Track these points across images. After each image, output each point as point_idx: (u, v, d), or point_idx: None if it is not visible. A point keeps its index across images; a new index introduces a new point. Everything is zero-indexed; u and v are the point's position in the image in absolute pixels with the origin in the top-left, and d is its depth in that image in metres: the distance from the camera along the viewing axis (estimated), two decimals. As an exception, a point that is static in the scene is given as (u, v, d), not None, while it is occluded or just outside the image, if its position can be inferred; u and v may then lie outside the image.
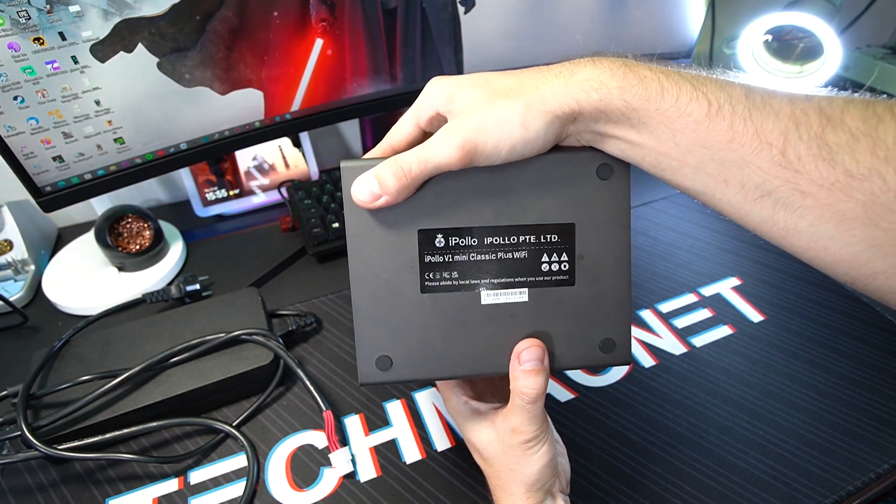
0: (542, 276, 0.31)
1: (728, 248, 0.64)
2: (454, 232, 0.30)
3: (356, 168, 0.29)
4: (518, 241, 0.31)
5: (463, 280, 0.31)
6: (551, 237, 0.31)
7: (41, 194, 0.51)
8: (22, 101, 0.46)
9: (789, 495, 0.41)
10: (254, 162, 0.72)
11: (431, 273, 0.31)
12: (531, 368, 0.30)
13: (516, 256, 0.31)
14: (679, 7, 0.71)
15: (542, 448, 0.31)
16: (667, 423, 0.46)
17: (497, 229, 0.30)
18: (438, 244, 0.30)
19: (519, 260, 0.31)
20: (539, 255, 0.31)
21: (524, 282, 0.31)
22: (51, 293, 0.59)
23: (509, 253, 0.31)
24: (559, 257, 0.31)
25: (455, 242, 0.30)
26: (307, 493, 0.41)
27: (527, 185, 0.30)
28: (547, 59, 0.68)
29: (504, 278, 0.31)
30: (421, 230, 0.30)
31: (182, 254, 0.65)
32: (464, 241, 0.30)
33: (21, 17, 0.43)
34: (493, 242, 0.30)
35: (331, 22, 0.56)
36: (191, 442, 0.45)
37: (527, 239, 0.31)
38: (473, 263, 0.31)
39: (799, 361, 0.51)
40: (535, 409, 0.30)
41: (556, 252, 0.31)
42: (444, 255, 0.30)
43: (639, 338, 0.53)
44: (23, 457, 0.41)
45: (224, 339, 0.47)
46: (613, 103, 0.26)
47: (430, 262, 0.30)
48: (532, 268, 0.31)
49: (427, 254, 0.30)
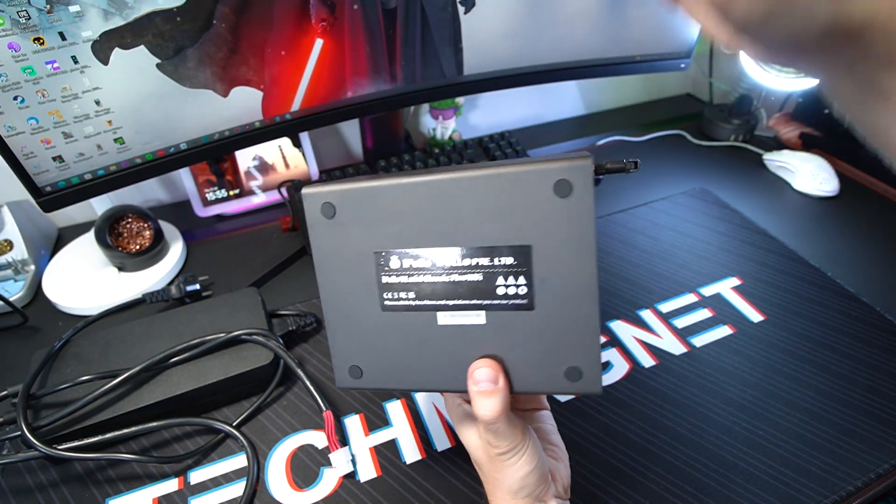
0: (497, 300, 0.29)
1: (728, 248, 0.64)
2: (407, 254, 0.30)
3: (318, 194, 0.30)
4: (472, 264, 0.29)
5: (419, 300, 0.30)
6: (505, 260, 0.29)
7: (41, 194, 0.51)
8: (22, 101, 0.46)
9: (789, 495, 0.41)
10: (254, 162, 0.72)
11: (389, 293, 0.31)
12: (483, 390, 0.29)
13: (470, 279, 0.29)
14: (679, 7, 0.71)
15: (520, 459, 0.30)
16: (667, 423, 0.46)
17: (449, 252, 0.29)
18: (394, 265, 0.30)
19: (473, 283, 0.29)
20: (494, 278, 0.29)
21: (480, 304, 0.30)
22: (51, 293, 0.59)
23: (463, 275, 0.29)
24: (516, 280, 0.29)
25: (409, 264, 0.30)
26: (307, 493, 0.41)
27: (478, 205, 0.28)
28: (547, 59, 0.69)
29: (459, 300, 0.30)
30: (376, 252, 0.30)
31: (182, 254, 0.65)
32: (417, 263, 0.30)
33: (21, 17, 0.43)
34: (446, 265, 0.30)
35: (331, 22, 0.56)
36: (191, 442, 0.45)
37: (480, 262, 0.29)
38: (428, 285, 0.30)
39: (799, 361, 0.51)
40: (500, 427, 0.30)
41: (512, 275, 0.29)
42: (400, 275, 0.30)
43: (639, 338, 0.53)
44: (23, 457, 0.41)
45: (224, 339, 0.47)
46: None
47: (387, 282, 0.31)
48: (487, 291, 0.29)
49: (384, 274, 0.30)
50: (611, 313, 0.56)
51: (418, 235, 0.29)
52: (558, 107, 0.98)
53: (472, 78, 0.67)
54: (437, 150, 0.76)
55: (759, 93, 0.88)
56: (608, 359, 0.51)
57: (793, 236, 0.66)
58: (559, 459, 0.35)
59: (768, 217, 0.69)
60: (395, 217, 0.30)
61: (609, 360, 0.51)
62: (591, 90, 0.99)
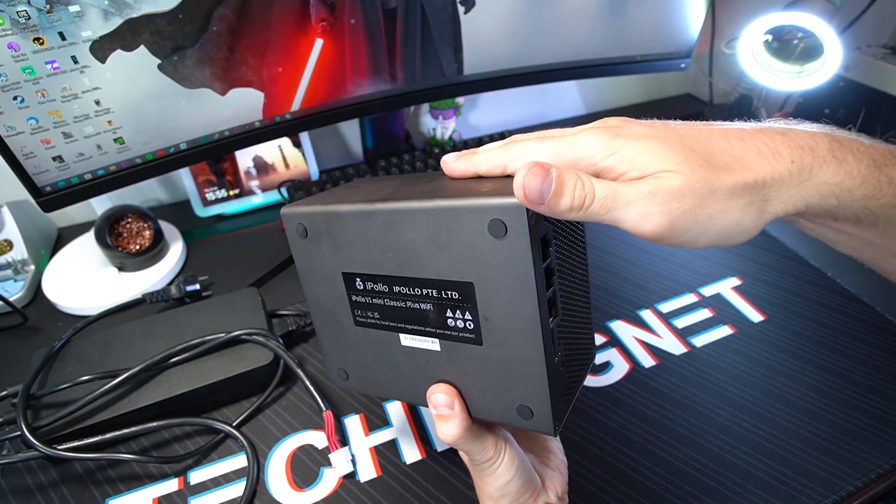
0: (448, 331, 0.29)
1: (728, 249, 0.64)
2: (368, 278, 0.31)
3: (293, 215, 0.32)
4: (422, 294, 0.29)
5: (383, 321, 0.32)
6: (452, 294, 0.28)
7: (41, 194, 0.51)
8: (22, 101, 0.46)
9: (789, 495, 0.41)
10: (254, 162, 0.72)
11: (359, 310, 0.32)
12: (440, 414, 0.30)
13: (422, 308, 0.30)
14: (679, 7, 0.71)
15: (497, 469, 0.30)
16: (667, 423, 0.46)
17: (401, 279, 0.29)
18: (359, 286, 0.31)
19: (425, 311, 0.30)
20: (443, 309, 0.29)
21: (433, 332, 0.30)
22: (51, 293, 0.59)
23: (416, 303, 0.30)
24: (462, 315, 0.28)
25: (371, 287, 0.31)
26: (307, 493, 0.41)
27: (425, 237, 0.28)
28: (547, 59, 0.69)
29: (415, 325, 0.30)
30: (344, 273, 0.32)
31: (182, 254, 0.65)
32: (377, 287, 0.31)
33: (21, 17, 0.43)
34: (401, 292, 0.30)
35: (331, 22, 0.56)
36: (191, 442, 0.45)
37: (430, 293, 0.29)
38: (388, 308, 0.31)
39: (799, 361, 0.50)
40: (466, 445, 0.30)
41: (458, 309, 0.28)
42: (366, 296, 0.31)
43: (639, 338, 0.53)
44: (23, 457, 0.41)
45: (224, 339, 0.47)
46: (851, 209, 0.23)
47: (356, 300, 0.32)
48: (438, 321, 0.29)
49: (353, 294, 0.32)
50: (611, 313, 0.56)
51: (375, 261, 0.30)
52: (558, 107, 0.98)
53: (472, 78, 0.67)
54: (437, 150, 0.76)
55: (759, 93, 0.88)
56: (608, 359, 0.51)
57: (793, 236, 0.66)
58: (555, 467, 0.34)
59: (768, 217, 0.69)
60: (354, 242, 0.30)
61: (609, 360, 0.51)
62: (591, 90, 0.99)
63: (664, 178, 0.23)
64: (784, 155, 0.23)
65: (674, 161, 0.23)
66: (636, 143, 0.24)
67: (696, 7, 0.71)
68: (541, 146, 0.26)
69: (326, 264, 0.32)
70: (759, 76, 0.77)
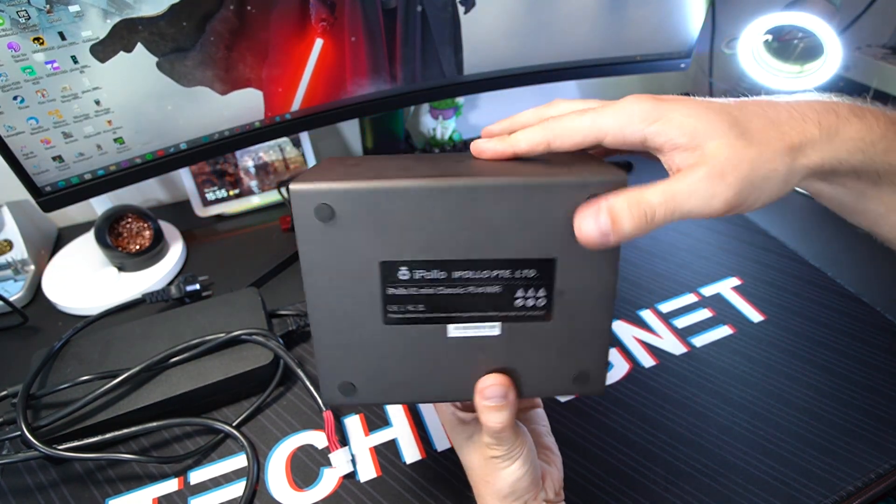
0: (514, 312, 0.28)
1: (728, 248, 0.64)
2: (420, 265, 0.27)
3: (312, 193, 0.26)
4: (491, 276, 0.28)
5: (429, 313, 0.28)
6: (528, 272, 0.28)
7: (41, 194, 0.51)
8: (22, 101, 0.46)
9: (789, 495, 0.41)
10: (254, 162, 0.72)
11: (395, 305, 0.28)
12: (493, 405, 0.29)
13: (488, 291, 0.28)
14: (679, 7, 0.71)
15: (513, 464, 0.30)
16: (667, 423, 0.46)
17: (468, 263, 0.27)
18: (402, 276, 0.27)
19: (491, 295, 0.28)
20: (513, 290, 0.28)
21: (495, 316, 0.29)
22: (51, 293, 0.59)
23: (481, 287, 0.28)
24: (536, 293, 0.28)
25: (421, 276, 0.27)
26: (307, 493, 0.41)
27: (505, 216, 0.27)
28: (547, 59, 0.69)
29: (473, 312, 0.28)
30: (383, 262, 0.27)
31: (182, 254, 0.65)
32: (430, 275, 0.27)
33: (21, 16, 0.43)
34: (464, 277, 0.28)
35: (331, 22, 0.56)
36: (191, 442, 0.45)
37: (501, 274, 0.28)
38: (441, 297, 0.28)
39: (799, 361, 0.50)
40: (503, 435, 0.30)
41: (532, 287, 0.28)
42: (409, 287, 0.28)
43: (639, 338, 0.53)
44: (23, 457, 0.41)
45: (224, 339, 0.47)
46: (875, 164, 0.25)
47: (392, 294, 0.28)
48: (504, 303, 0.28)
49: (390, 286, 0.28)
50: (611, 313, 0.56)
51: (435, 245, 0.27)
52: (558, 107, 0.98)
53: (472, 78, 0.67)
54: (437, 150, 0.76)
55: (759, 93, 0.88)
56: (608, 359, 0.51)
57: (793, 236, 0.66)
58: (552, 463, 0.35)
59: (768, 217, 0.69)
60: (408, 224, 0.26)
61: (609, 360, 0.51)
62: (591, 90, 0.99)
63: (714, 155, 0.24)
64: (811, 117, 0.25)
65: (720, 127, 0.25)
66: (683, 107, 0.26)
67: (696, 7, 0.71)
68: (582, 120, 0.27)
69: (357, 253, 0.27)
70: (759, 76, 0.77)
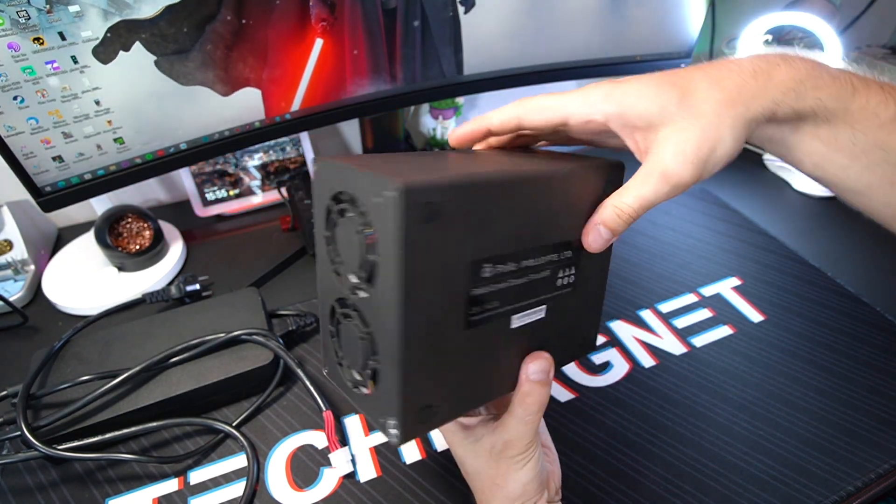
0: (556, 291, 0.31)
1: (728, 248, 0.64)
2: (501, 259, 0.27)
3: (417, 190, 0.22)
4: (544, 261, 0.29)
5: (500, 308, 0.28)
6: (567, 253, 0.30)
7: (41, 194, 0.51)
8: (22, 101, 0.46)
9: (789, 495, 0.41)
10: (254, 162, 0.72)
11: (477, 307, 0.27)
12: (538, 379, 0.30)
13: (541, 275, 0.29)
14: (679, 7, 0.71)
15: (529, 463, 0.31)
16: (667, 423, 0.46)
17: (533, 251, 0.28)
18: (485, 274, 0.26)
19: (542, 279, 0.30)
20: (557, 270, 0.30)
21: (544, 299, 0.30)
22: (51, 293, 0.59)
23: (537, 273, 0.29)
24: (569, 271, 0.31)
25: (499, 270, 0.27)
26: (307, 493, 0.41)
27: (560, 201, 0.28)
28: (547, 59, 0.69)
29: (530, 299, 0.30)
30: (474, 261, 0.25)
31: (182, 254, 0.65)
32: (506, 268, 0.27)
33: (21, 17, 0.43)
34: (527, 265, 0.28)
35: (331, 22, 0.56)
36: (191, 442, 0.45)
37: (551, 258, 0.29)
38: (511, 289, 0.28)
39: (799, 361, 0.50)
40: (535, 421, 0.30)
41: (569, 266, 0.31)
42: (489, 285, 0.27)
43: (639, 338, 0.53)
44: (23, 457, 0.41)
45: (224, 339, 0.47)
46: (807, 104, 0.27)
47: (476, 294, 0.26)
48: (551, 284, 0.30)
49: (476, 286, 0.26)
50: (611, 313, 0.56)
51: (512, 237, 0.27)
52: (558, 107, 0.98)
53: (472, 78, 0.67)
54: (437, 150, 0.76)
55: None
56: (608, 359, 0.51)
57: (793, 236, 0.66)
58: (552, 462, 0.35)
59: (768, 217, 0.69)
60: (498, 218, 0.26)
61: (609, 360, 0.51)
62: (591, 90, 0.99)
63: (665, 150, 0.27)
64: (747, 67, 0.27)
65: (668, 106, 0.27)
66: (636, 88, 0.28)
67: (695, 7, 0.71)
68: (550, 100, 0.30)
69: (452, 254, 0.24)
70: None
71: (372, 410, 0.27)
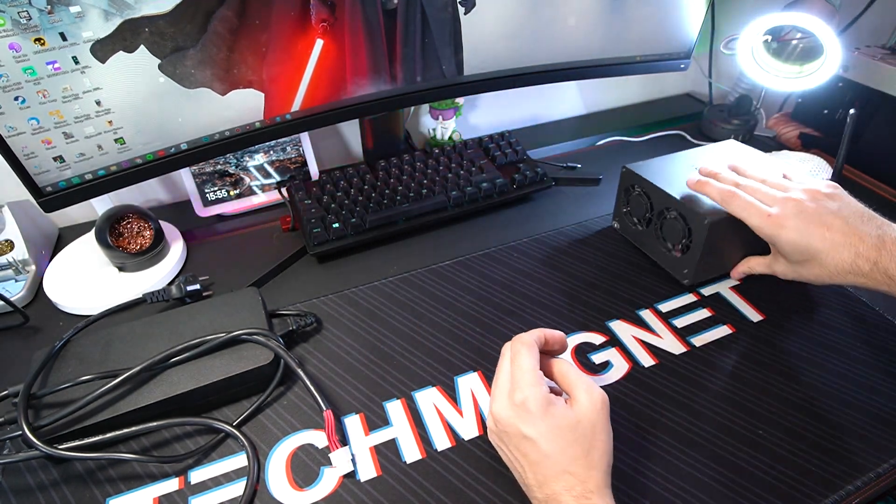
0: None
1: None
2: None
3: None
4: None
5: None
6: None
7: (42, 194, 0.51)
8: (23, 102, 0.46)
9: (789, 495, 0.41)
10: (254, 162, 0.72)
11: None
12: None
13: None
14: (679, 7, 0.71)
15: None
16: (666, 423, 0.46)
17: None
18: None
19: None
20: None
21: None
22: (51, 293, 0.59)
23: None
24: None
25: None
26: (307, 493, 0.41)
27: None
28: (547, 59, 0.69)
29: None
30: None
31: (182, 254, 0.65)
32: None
33: (22, 17, 0.43)
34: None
35: (331, 22, 0.56)
36: (191, 442, 0.45)
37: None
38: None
39: (799, 361, 0.51)
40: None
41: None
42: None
43: (639, 337, 0.53)
44: (23, 456, 0.41)
45: (224, 339, 0.47)
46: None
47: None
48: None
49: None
50: (611, 313, 0.56)
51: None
52: (558, 107, 0.98)
53: (472, 78, 0.67)
54: (437, 150, 0.77)
55: (759, 93, 0.88)
56: (608, 358, 0.51)
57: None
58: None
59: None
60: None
61: (609, 360, 0.51)
62: (591, 90, 0.99)
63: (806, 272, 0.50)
64: (865, 229, 0.46)
65: (816, 254, 0.47)
66: (795, 234, 0.47)
67: (695, 7, 0.71)
68: (751, 211, 0.50)
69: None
70: (759, 76, 0.77)
71: (673, 265, 0.59)
